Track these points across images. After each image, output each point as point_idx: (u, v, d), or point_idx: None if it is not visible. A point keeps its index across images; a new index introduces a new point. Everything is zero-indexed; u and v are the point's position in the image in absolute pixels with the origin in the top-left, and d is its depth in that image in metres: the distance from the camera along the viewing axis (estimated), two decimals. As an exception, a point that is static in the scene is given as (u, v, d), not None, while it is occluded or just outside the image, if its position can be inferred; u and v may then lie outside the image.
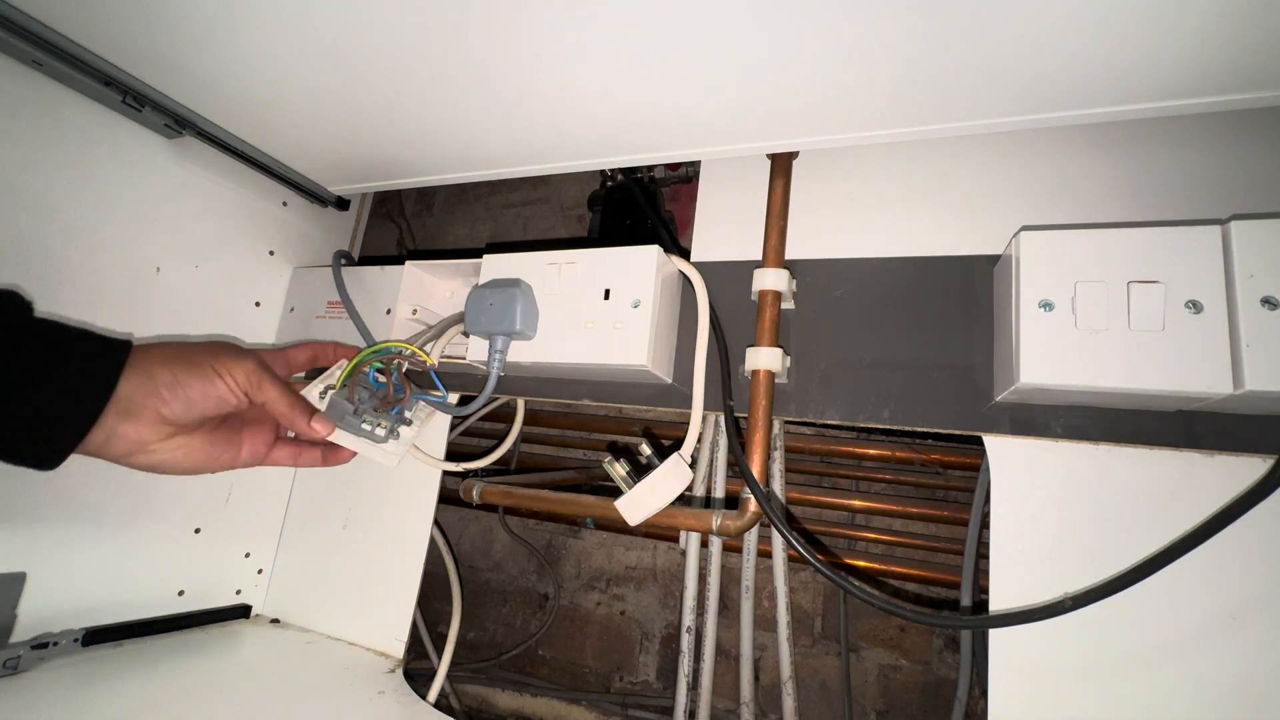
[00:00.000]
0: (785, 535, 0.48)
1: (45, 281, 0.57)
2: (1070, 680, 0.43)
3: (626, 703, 1.12)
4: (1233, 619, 0.42)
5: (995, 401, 0.47)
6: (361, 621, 0.71)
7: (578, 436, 1.26)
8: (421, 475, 0.70)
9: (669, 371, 0.55)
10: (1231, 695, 0.41)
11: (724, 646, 1.05)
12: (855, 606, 1.06)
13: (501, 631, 1.29)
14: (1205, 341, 0.38)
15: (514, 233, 1.45)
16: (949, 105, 0.47)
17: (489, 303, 0.53)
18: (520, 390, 0.64)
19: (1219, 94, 0.42)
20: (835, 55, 0.43)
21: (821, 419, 0.53)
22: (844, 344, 0.54)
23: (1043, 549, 0.46)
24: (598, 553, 1.25)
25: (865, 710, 1.02)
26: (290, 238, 0.80)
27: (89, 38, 0.51)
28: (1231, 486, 0.42)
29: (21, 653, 0.55)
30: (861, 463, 1.05)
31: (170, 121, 0.60)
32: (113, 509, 0.63)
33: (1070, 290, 0.41)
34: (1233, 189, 0.48)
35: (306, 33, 0.47)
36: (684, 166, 1.09)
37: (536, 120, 0.54)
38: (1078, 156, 0.52)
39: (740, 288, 0.58)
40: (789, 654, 0.77)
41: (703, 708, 0.82)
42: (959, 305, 0.52)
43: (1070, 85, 0.43)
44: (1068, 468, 0.46)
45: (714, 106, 0.50)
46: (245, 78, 0.53)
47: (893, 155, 0.58)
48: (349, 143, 0.64)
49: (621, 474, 0.50)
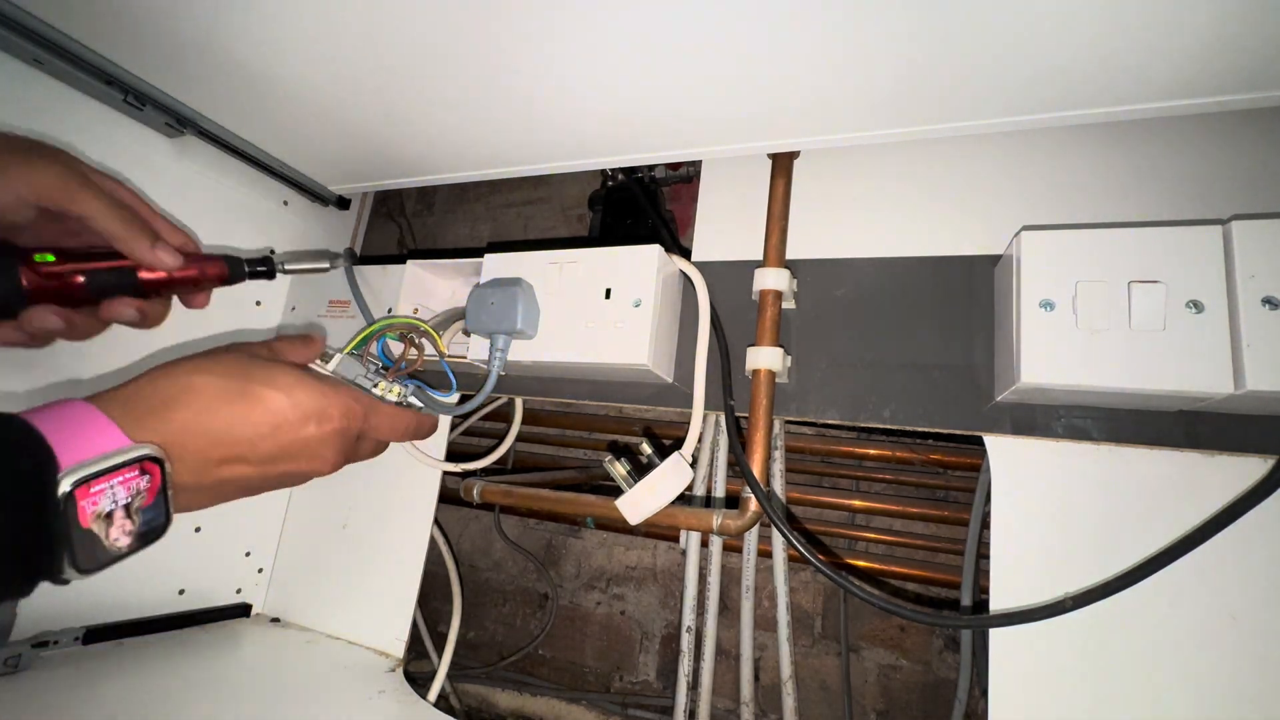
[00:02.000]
0: (786, 535, 0.48)
1: (46, 280, 0.57)
2: (1070, 680, 0.43)
3: (626, 702, 1.12)
4: (1233, 619, 0.42)
5: (996, 401, 0.47)
6: (361, 621, 0.71)
7: (578, 436, 1.26)
8: (421, 475, 0.70)
9: (670, 371, 0.56)
10: (1231, 695, 0.41)
11: (724, 646, 1.05)
12: (855, 606, 1.06)
13: (501, 631, 1.29)
14: (1206, 341, 0.38)
15: (514, 232, 1.45)
16: (950, 105, 0.47)
17: (490, 302, 0.53)
18: (520, 390, 0.64)
19: (1219, 94, 0.42)
20: (836, 55, 0.43)
21: (822, 419, 0.53)
22: (845, 344, 0.54)
23: (1043, 549, 0.46)
24: (598, 552, 1.25)
25: (865, 710, 1.02)
26: (291, 237, 0.80)
27: (90, 36, 0.51)
28: (1232, 486, 0.42)
29: (22, 651, 0.56)
30: (862, 463, 1.05)
31: (171, 120, 0.60)
32: (113, 508, 0.63)
33: (1071, 290, 0.41)
34: (1233, 189, 0.48)
35: (307, 32, 0.47)
36: (685, 166, 1.09)
37: (538, 119, 0.54)
38: (1079, 156, 0.52)
39: (741, 287, 0.58)
40: (789, 654, 0.77)
41: (703, 708, 0.82)
42: (960, 305, 0.52)
43: (1071, 85, 0.43)
44: (1068, 468, 0.46)
45: (715, 106, 0.50)
46: (247, 76, 0.53)
47: (893, 155, 0.58)
48: (350, 142, 0.64)
49: (622, 473, 0.50)
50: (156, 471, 0.32)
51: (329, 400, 0.39)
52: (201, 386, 0.35)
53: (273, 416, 0.36)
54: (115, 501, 0.30)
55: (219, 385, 0.35)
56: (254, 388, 0.36)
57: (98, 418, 0.31)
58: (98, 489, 0.29)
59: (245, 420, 0.35)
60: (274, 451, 0.37)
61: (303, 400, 0.37)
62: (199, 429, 0.34)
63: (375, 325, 0.51)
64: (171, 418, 0.33)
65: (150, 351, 0.64)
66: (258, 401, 0.36)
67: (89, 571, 0.30)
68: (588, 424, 1.21)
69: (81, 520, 0.29)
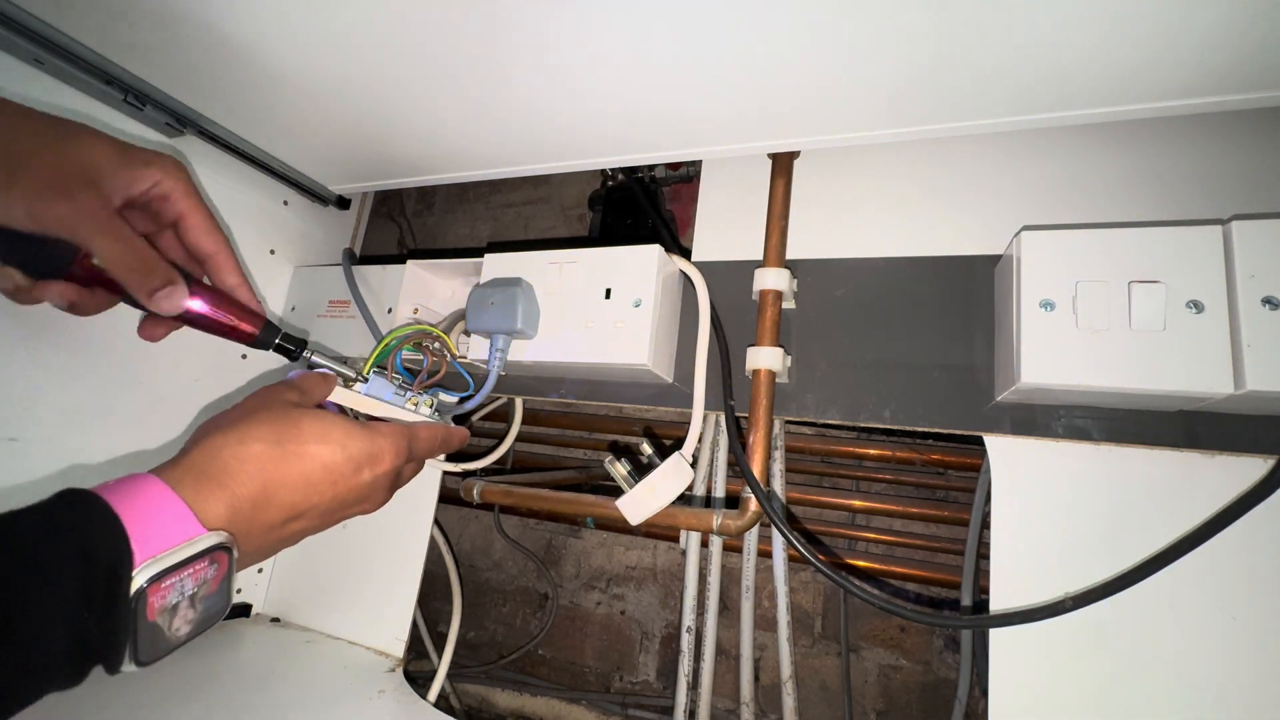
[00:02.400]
0: (786, 535, 0.48)
1: (46, 280, 0.57)
2: (1070, 680, 0.43)
3: (626, 702, 1.12)
4: (1233, 619, 0.42)
5: (996, 401, 0.47)
6: (361, 621, 0.71)
7: (578, 436, 1.26)
8: (422, 475, 0.70)
9: (670, 371, 0.55)
10: (1231, 695, 0.41)
11: (724, 646, 1.05)
12: (855, 606, 1.06)
13: (501, 631, 1.29)
14: (1206, 341, 0.38)
15: (514, 232, 1.45)
16: (950, 105, 0.47)
17: (490, 301, 0.53)
18: (520, 389, 0.64)
19: (1220, 94, 0.42)
20: (836, 54, 0.43)
21: (822, 419, 0.53)
22: (845, 344, 0.54)
23: (1043, 549, 0.46)
24: (598, 552, 1.25)
25: (865, 710, 1.02)
26: (291, 237, 0.80)
27: (90, 35, 0.51)
28: (1232, 486, 0.42)
29: (22, 651, 0.55)
30: (862, 463, 1.05)
31: (171, 120, 0.60)
32: (113, 508, 0.63)
33: (1071, 290, 0.41)
34: (1234, 189, 0.48)
35: (308, 32, 0.47)
36: (685, 166, 1.09)
37: (539, 119, 0.54)
38: (1079, 156, 0.52)
39: (741, 287, 0.58)
40: (789, 654, 0.77)
41: (703, 708, 0.82)
42: (960, 305, 0.52)
43: (1072, 86, 0.43)
44: (1069, 468, 0.46)
45: (715, 106, 0.50)
46: (247, 76, 0.53)
47: (894, 155, 0.58)
48: (350, 142, 0.64)
49: (622, 473, 0.50)
50: (224, 560, 0.32)
51: (378, 444, 0.39)
52: (259, 455, 0.34)
53: (329, 473, 0.36)
54: (183, 594, 0.30)
55: (275, 451, 0.35)
56: (308, 448, 0.36)
57: (173, 501, 0.30)
58: (168, 583, 0.29)
59: (305, 482, 0.35)
60: (332, 505, 0.37)
61: (355, 451, 0.38)
62: (263, 499, 0.34)
63: (394, 334, 0.50)
64: (237, 492, 0.33)
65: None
66: (314, 460, 0.36)
67: (146, 664, 0.30)
68: (588, 424, 1.21)
69: (149, 614, 0.29)
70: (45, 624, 0.25)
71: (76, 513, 0.28)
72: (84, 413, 0.59)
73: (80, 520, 0.28)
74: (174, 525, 0.30)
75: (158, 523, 0.29)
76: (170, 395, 0.67)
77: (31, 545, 0.26)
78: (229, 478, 0.33)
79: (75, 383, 0.59)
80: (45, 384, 0.57)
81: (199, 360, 0.70)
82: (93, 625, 0.27)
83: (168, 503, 0.30)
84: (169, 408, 0.67)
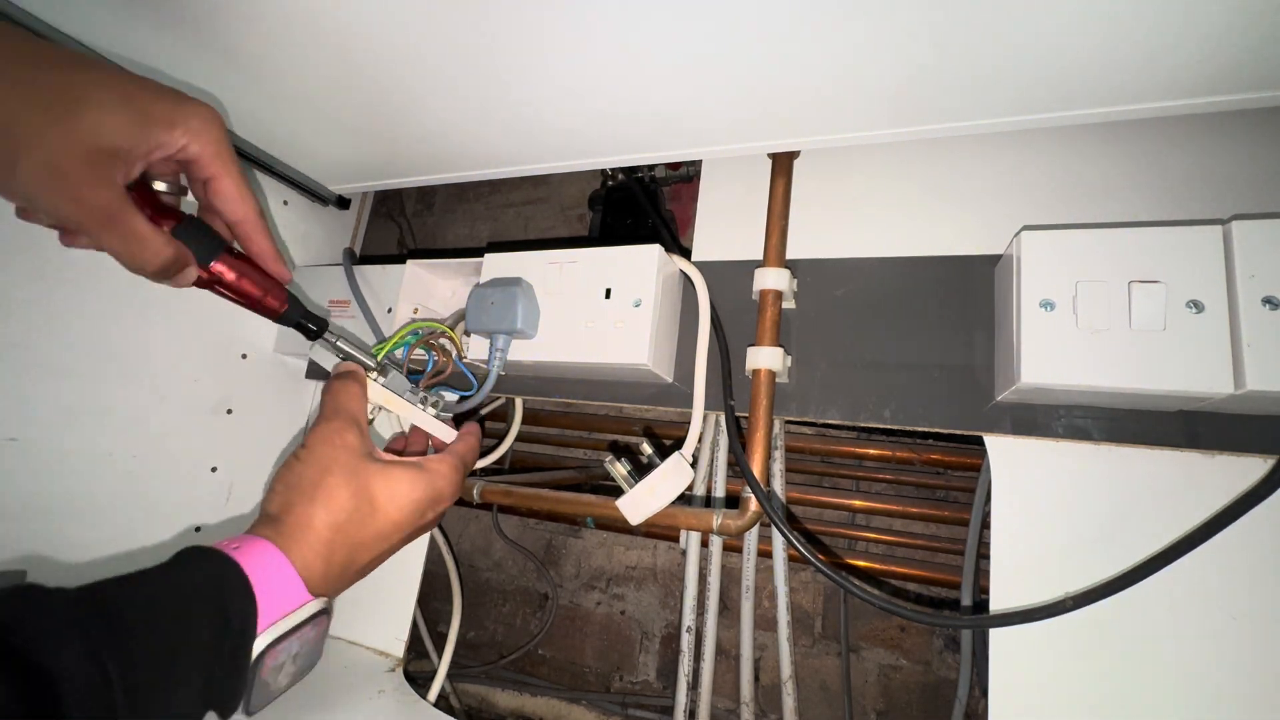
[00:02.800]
0: (786, 535, 0.48)
1: (45, 280, 0.57)
2: (1070, 680, 0.43)
3: (626, 702, 1.12)
4: (1233, 619, 0.42)
5: (996, 401, 0.47)
6: (361, 621, 0.71)
7: (578, 436, 1.26)
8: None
9: (670, 371, 0.55)
10: (1231, 695, 0.41)
11: (724, 646, 1.05)
12: (855, 606, 1.06)
13: (501, 631, 1.29)
14: (1206, 341, 0.38)
15: (514, 232, 1.45)
16: (950, 105, 0.47)
17: (490, 301, 0.53)
18: (520, 389, 0.64)
19: (1220, 94, 0.42)
20: (836, 55, 0.43)
21: (822, 419, 0.53)
22: (845, 343, 0.54)
23: (1043, 549, 0.46)
24: (598, 552, 1.25)
25: (865, 710, 1.02)
26: (291, 237, 0.80)
27: (88, 35, 0.51)
28: (1232, 486, 0.42)
29: (22, 651, 0.55)
30: (862, 463, 1.05)
31: (171, 120, 0.60)
32: (113, 507, 0.63)
33: (1071, 290, 0.41)
34: (1234, 189, 0.48)
35: (309, 32, 0.47)
36: (685, 166, 1.09)
37: (539, 119, 0.54)
38: (1079, 156, 0.52)
39: (741, 287, 0.58)
40: (789, 654, 0.77)
41: (703, 708, 0.82)
42: (960, 305, 0.52)
43: (1071, 86, 0.43)
44: (1069, 468, 0.46)
45: (715, 106, 0.50)
46: (247, 76, 0.53)
47: (894, 155, 0.58)
48: (350, 142, 0.64)
49: (622, 473, 0.50)
50: (324, 623, 0.36)
51: (437, 488, 0.42)
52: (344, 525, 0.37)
53: (401, 529, 0.40)
54: (289, 654, 0.34)
55: (356, 518, 0.38)
56: (382, 514, 0.39)
57: (288, 570, 0.34)
58: (281, 646, 0.33)
59: (381, 539, 0.39)
60: (401, 543, 0.41)
61: (421, 498, 0.41)
62: (349, 562, 0.38)
63: (409, 327, 0.50)
64: (331, 560, 0.37)
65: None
66: (388, 522, 0.39)
67: (252, 714, 0.33)
68: (588, 424, 1.21)
69: (263, 672, 0.32)
70: (187, 673, 0.29)
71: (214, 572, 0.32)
72: (84, 413, 0.59)
73: (217, 579, 0.32)
74: (290, 592, 0.34)
75: (276, 588, 0.33)
76: (170, 395, 0.67)
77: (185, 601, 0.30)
78: (324, 546, 0.36)
79: (75, 383, 0.59)
80: (45, 384, 0.57)
81: (199, 360, 0.70)
82: (221, 678, 0.31)
83: (282, 570, 0.34)
84: (169, 407, 0.67)
